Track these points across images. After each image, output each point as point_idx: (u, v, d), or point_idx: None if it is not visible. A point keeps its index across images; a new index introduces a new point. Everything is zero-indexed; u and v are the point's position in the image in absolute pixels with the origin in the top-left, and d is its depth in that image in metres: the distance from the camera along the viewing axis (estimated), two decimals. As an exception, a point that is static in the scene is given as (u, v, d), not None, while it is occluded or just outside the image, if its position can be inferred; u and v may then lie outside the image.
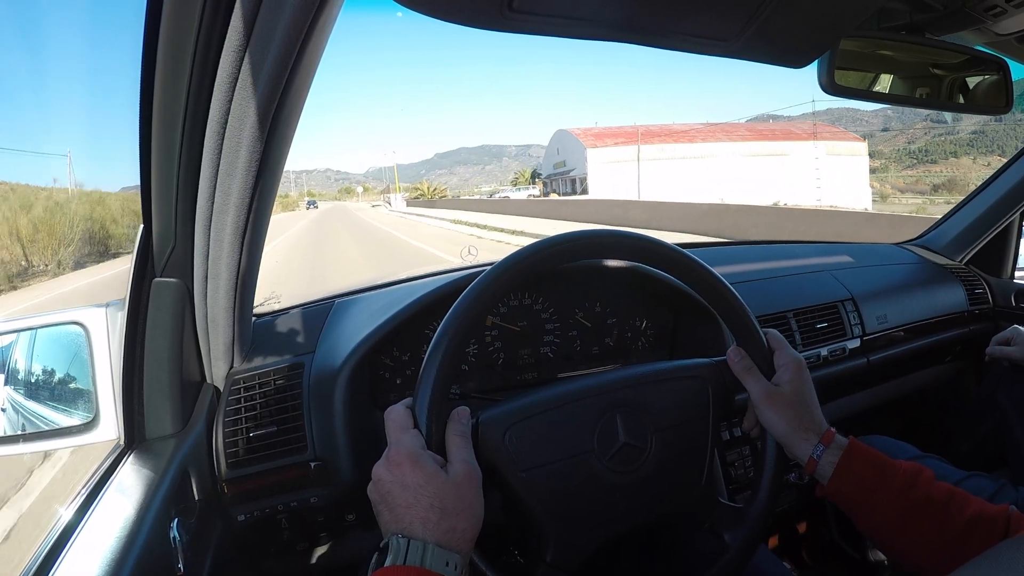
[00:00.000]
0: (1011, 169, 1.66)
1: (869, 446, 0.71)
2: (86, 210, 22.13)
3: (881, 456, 0.71)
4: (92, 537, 0.65)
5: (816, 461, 0.71)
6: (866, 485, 0.69)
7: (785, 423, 0.72)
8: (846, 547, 1.26)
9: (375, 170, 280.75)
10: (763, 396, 0.73)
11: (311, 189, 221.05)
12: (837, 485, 0.70)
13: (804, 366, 0.76)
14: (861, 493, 0.69)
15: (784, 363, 0.75)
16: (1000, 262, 1.82)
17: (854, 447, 0.71)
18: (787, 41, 0.66)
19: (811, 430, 0.72)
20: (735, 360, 0.76)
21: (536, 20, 0.54)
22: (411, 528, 0.54)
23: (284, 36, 0.58)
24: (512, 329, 1.09)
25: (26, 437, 0.82)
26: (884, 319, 1.47)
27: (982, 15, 0.93)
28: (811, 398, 0.75)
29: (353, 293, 1.17)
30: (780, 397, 0.73)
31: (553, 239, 0.70)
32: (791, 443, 0.72)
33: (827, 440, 0.71)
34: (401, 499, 0.55)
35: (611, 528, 0.70)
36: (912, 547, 0.68)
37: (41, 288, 13.69)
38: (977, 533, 0.64)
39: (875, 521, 0.69)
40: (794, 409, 0.73)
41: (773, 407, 0.73)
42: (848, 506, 0.71)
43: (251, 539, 0.92)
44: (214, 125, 0.67)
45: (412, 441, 0.58)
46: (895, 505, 0.67)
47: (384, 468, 0.58)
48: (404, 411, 0.62)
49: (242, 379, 0.92)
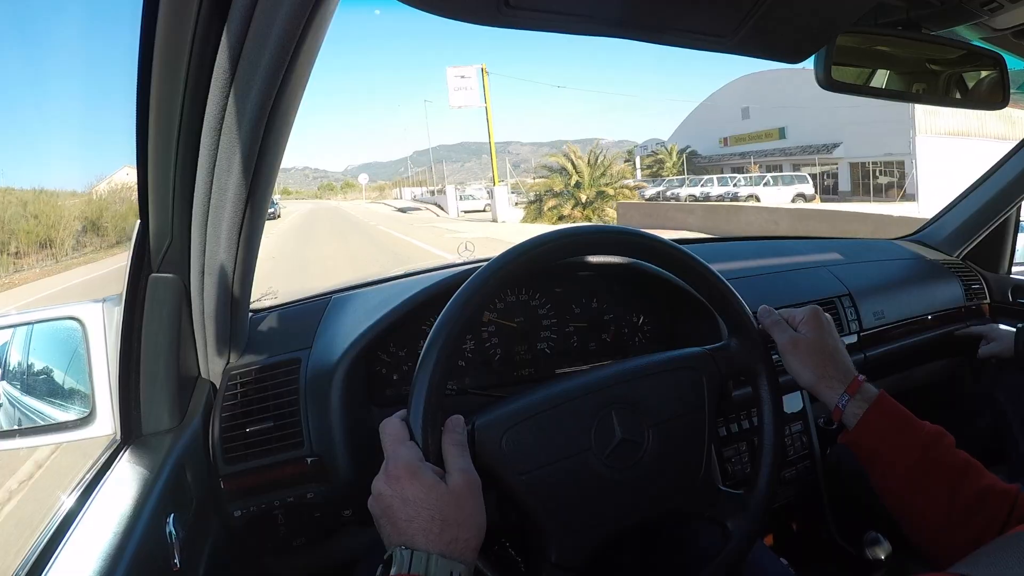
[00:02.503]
0: (1008, 164, 1.66)
1: (897, 401, 0.73)
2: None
3: (907, 413, 0.72)
4: (88, 532, 0.65)
5: (841, 410, 0.72)
6: (887, 440, 0.70)
7: (810, 371, 0.74)
8: (843, 544, 1.26)
9: (353, 168, 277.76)
10: (788, 345, 0.75)
11: (286, 187, 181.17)
12: (858, 435, 0.71)
13: (820, 311, 0.79)
14: (882, 446, 0.71)
15: (801, 319, 0.78)
16: (997, 257, 1.82)
17: (882, 401, 0.72)
18: (784, 37, 0.66)
19: (835, 378, 0.74)
20: (764, 313, 0.79)
21: (533, 16, 0.54)
22: (414, 540, 0.54)
23: (281, 32, 0.57)
24: (509, 325, 1.09)
25: (22, 432, 0.82)
26: (881, 315, 1.47)
27: (979, 10, 0.93)
28: (836, 344, 0.77)
29: (350, 289, 1.17)
30: (804, 344, 0.75)
31: (547, 236, 0.70)
32: (817, 391, 0.75)
33: (853, 389, 0.73)
34: (402, 513, 0.55)
35: (613, 525, 0.70)
36: (922, 509, 0.69)
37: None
38: (985, 506, 0.65)
39: (891, 477, 0.71)
40: (818, 356, 0.75)
41: (799, 356, 0.75)
42: (868, 458, 0.73)
43: (247, 535, 0.92)
44: (211, 121, 0.67)
45: (409, 454, 0.59)
46: (914, 464, 0.69)
47: (383, 482, 0.58)
48: (399, 423, 0.62)
49: (239, 374, 0.92)
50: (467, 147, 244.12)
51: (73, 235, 22.80)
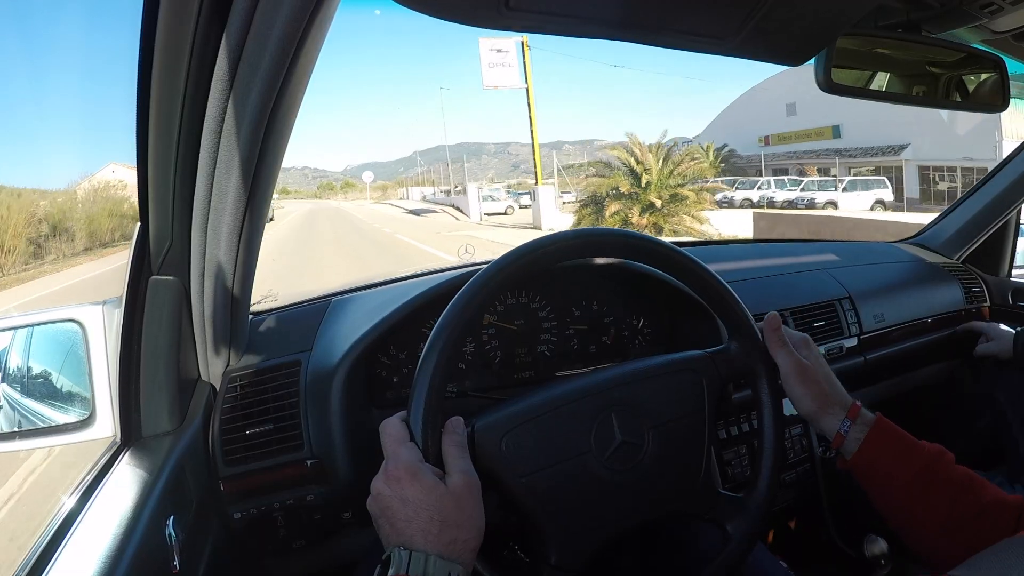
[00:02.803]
0: (1008, 167, 1.66)
1: (895, 424, 0.73)
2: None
3: (906, 434, 0.72)
4: (88, 534, 0.65)
5: (844, 436, 0.72)
6: (890, 462, 0.70)
7: (812, 398, 0.74)
8: (843, 546, 1.26)
9: (353, 167, 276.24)
10: (793, 370, 0.75)
11: (285, 186, 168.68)
12: (861, 460, 0.71)
13: (811, 341, 0.79)
14: (884, 469, 0.71)
15: (794, 343, 0.77)
16: (997, 260, 1.82)
17: (881, 423, 0.72)
18: (784, 39, 0.66)
19: (837, 404, 0.74)
20: (772, 328, 0.77)
21: (534, 18, 0.54)
22: (412, 541, 0.54)
23: (281, 34, 0.57)
24: (509, 328, 1.09)
25: (22, 434, 0.82)
26: (881, 318, 1.47)
27: (979, 13, 0.93)
28: (829, 371, 0.77)
29: (350, 291, 1.17)
30: (809, 372, 0.75)
31: (547, 239, 0.70)
32: (818, 418, 0.74)
33: (853, 415, 0.73)
34: (401, 513, 0.56)
35: (613, 527, 0.70)
36: (926, 527, 0.69)
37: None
38: (990, 519, 0.65)
39: (894, 498, 0.71)
40: (820, 384, 0.74)
41: (804, 382, 0.74)
42: (869, 481, 0.73)
43: (247, 537, 0.92)
44: (211, 123, 0.67)
45: (409, 455, 0.59)
46: (916, 484, 0.69)
47: (383, 483, 0.58)
48: (399, 424, 0.62)
49: (239, 377, 0.92)
50: (466, 147, 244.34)
51: (25, 241, 19.14)
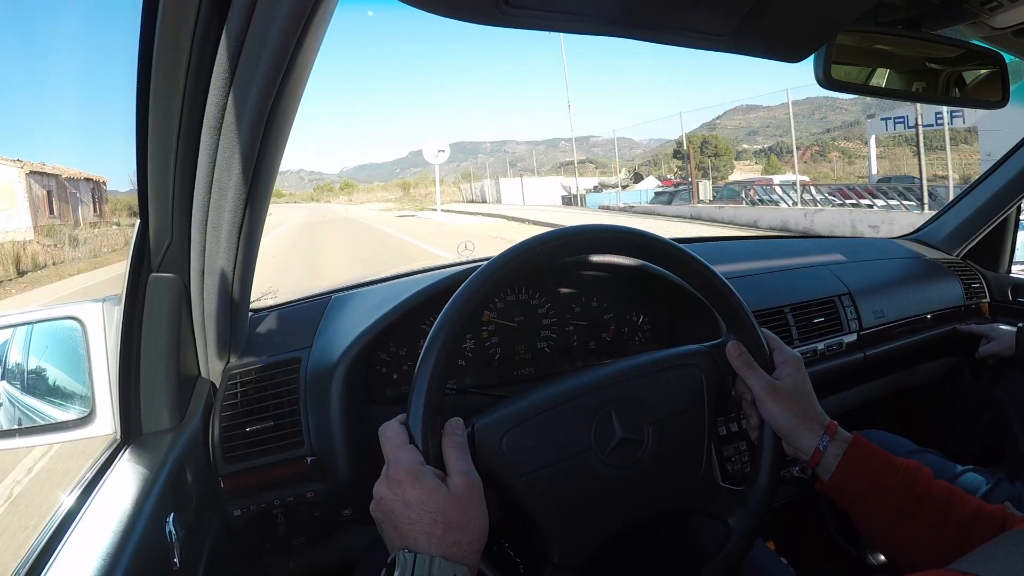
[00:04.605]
0: (1007, 163, 1.66)
1: (872, 442, 0.72)
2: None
3: (883, 452, 0.71)
4: (88, 532, 0.65)
5: (822, 452, 0.71)
6: (869, 481, 0.70)
7: (789, 416, 0.73)
8: (844, 544, 1.26)
9: (348, 169, 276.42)
10: (766, 391, 0.74)
11: (279, 189, 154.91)
12: (840, 480, 0.71)
13: (803, 363, 0.78)
14: (863, 489, 0.70)
15: (784, 360, 0.77)
16: (997, 256, 1.82)
17: (858, 442, 0.72)
18: (783, 35, 0.66)
19: (815, 421, 0.73)
20: (734, 355, 0.76)
21: (532, 15, 0.54)
22: (416, 544, 0.54)
23: (280, 32, 0.57)
24: (509, 325, 1.09)
25: (22, 431, 0.82)
26: (881, 314, 1.47)
27: (979, 9, 0.93)
28: (811, 392, 0.76)
29: (350, 288, 1.17)
30: (783, 391, 0.74)
31: (546, 235, 0.70)
32: (795, 436, 0.73)
33: (831, 432, 0.72)
34: (404, 517, 0.56)
35: (614, 524, 0.70)
36: (909, 544, 0.68)
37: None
38: (974, 531, 0.64)
39: (875, 517, 0.70)
40: (797, 402, 0.74)
41: (777, 401, 0.73)
42: (848, 501, 0.72)
43: (247, 534, 0.92)
44: (211, 121, 0.67)
45: (410, 457, 0.59)
46: (895, 501, 0.68)
47: (385, 486, 0.58)
48: (398, 427, 0.62)
49: (238, 374, 0.92)
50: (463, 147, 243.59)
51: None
